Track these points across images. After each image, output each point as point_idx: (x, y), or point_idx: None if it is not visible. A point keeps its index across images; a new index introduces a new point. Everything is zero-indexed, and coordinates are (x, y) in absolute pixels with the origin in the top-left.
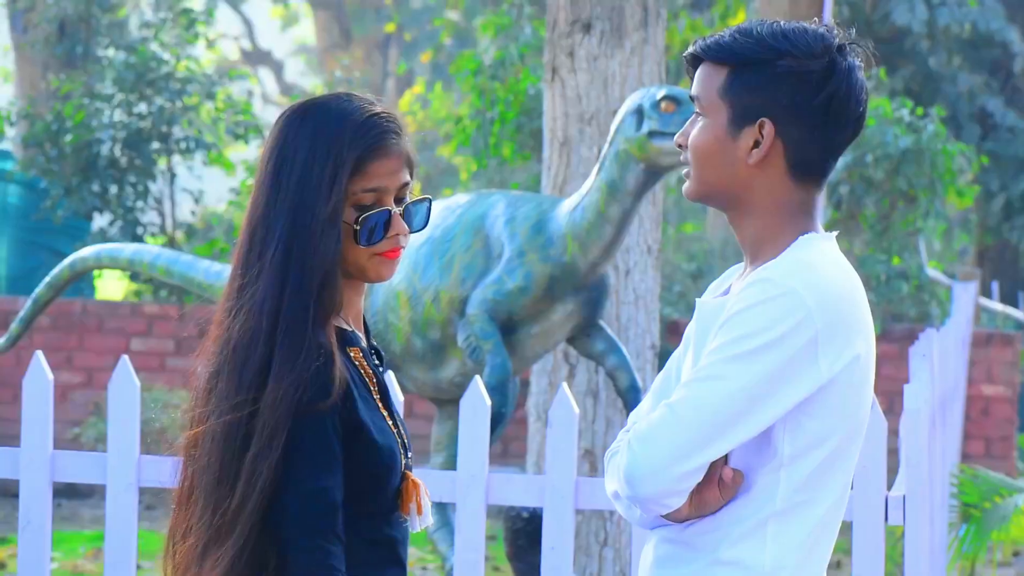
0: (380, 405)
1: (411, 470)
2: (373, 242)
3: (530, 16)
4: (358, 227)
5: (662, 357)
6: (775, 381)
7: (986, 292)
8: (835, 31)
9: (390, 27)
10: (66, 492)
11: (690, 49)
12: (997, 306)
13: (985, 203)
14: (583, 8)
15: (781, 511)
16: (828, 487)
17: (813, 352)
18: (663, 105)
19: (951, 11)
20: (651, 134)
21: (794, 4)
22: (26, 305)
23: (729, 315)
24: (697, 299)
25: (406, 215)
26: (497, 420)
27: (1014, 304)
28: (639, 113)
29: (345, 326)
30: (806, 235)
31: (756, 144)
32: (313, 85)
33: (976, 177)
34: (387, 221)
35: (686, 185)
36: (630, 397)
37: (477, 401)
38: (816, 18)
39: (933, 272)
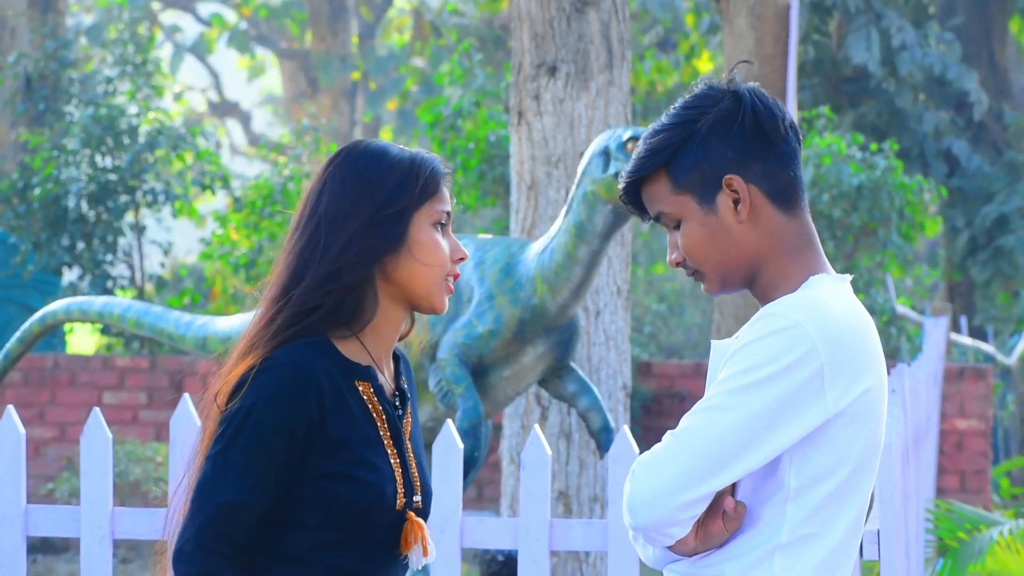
0: (388, 443)
1: (415, 511)
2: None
3: (481, 63)
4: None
5: (634, 397)
6: (779, 413)
7: (956, 327)
8: (714, 80)
9: (356, 75)
10: (41, 547)
11: (623, 187)
12: (967, 341)
13: (951, 239)
14: (548, 51)
15: (787, 544)
16: (837, 520)
17: (819, 385)
18: (629, 146)
19: (912, 55)
20: (618, 175)
21: (759, 44)
22: None
23: (735, 349)
24: (712, 340)
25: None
26: (470, 464)
27: (983, 338)
28: (606, 154)
29: (359, 361)
30: (817, 276)
31: (735, 203)
32: (281, 135)
33: (940, 211)
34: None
35: (704, 286)
36: (603, 438)
37: (449, 444)
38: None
39: (902, 308)
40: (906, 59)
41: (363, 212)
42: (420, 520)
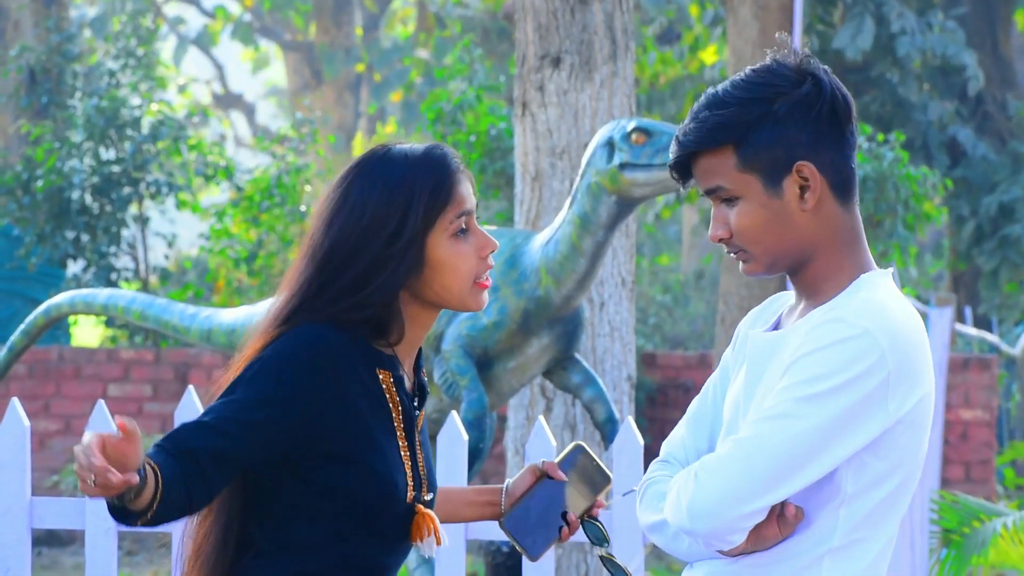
0: (400, 435)
1: (423, 504)
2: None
3: (481, 57)
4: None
5: (638, 389)
6: (846, 422)
7: (960, 317)
8: (779, 54)
9: (360, 67)
10: (46, 540)
11: (678, 154)
12: (972, 331)
13: (956, 229)
14: (552, 42)
15: (838, 548)
16: (885, 524)
17: (883, 394)
18: (634, 137)
19: (912, 39)
20: (622, 166)
21: (763, 34)
22: (1, 353)
23: (801, 354)
24: (748, 331)
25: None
26: (475, 455)
27: (987, 328)
28: (610, 145)
29: (383, 350)
30: (867, 274)
31: (802, 189)
32: (278, 129)
33: (945, 201)
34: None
35: (747, 266)
36: (608, 429)
37: (454, 436)
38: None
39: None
40: (905, 42)
41: (372, 248)
42: (430, 511)
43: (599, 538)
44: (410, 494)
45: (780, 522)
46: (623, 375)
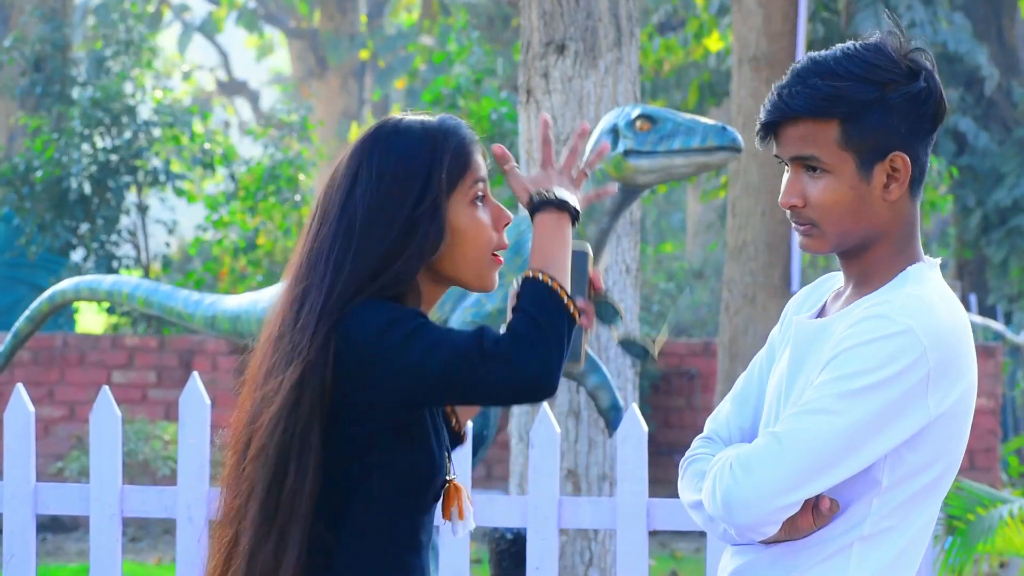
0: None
1: (453, 476)
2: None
3: (480, 40)
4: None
5: (642, 376)
6: (884, 419)
7: (965, 306)
8: (890, 40)
9: (364, 54)
10: (51, 526)
11: (777, 114)
12: (977, 319)
13: (962, 218)
14: (556, 29)
15: (868, 536)
16: (918, 513)
17: (923, 391)
18: (638, 124)
19: (920, 31)
20: (627, 153)
21: (768, 22)
22: (6, 340)
23: (842, 349)
24: (794, 316)
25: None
26: (479, 442)
27: (992, 316)
28: (614, 132)
29: None
30: (915, 265)
31: (889, 178)
32: (289, 115)
33: (950, 189)
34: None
35: (810, 241)
36: (612, 416)
37: None
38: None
39: None
40: (915, 34)
41: (399, 214)
42: (460, 484)
43: (613, 315)
44: (448, 466)
45: (815, 514)
46: (627, 363)
